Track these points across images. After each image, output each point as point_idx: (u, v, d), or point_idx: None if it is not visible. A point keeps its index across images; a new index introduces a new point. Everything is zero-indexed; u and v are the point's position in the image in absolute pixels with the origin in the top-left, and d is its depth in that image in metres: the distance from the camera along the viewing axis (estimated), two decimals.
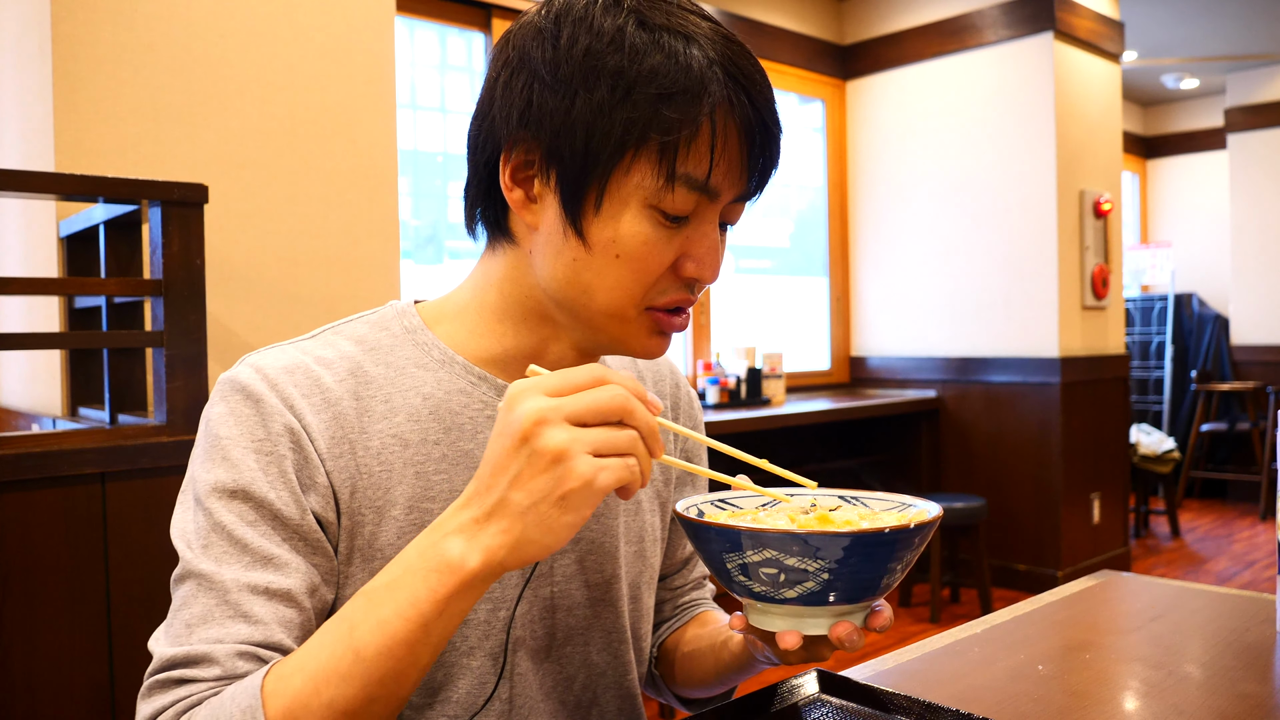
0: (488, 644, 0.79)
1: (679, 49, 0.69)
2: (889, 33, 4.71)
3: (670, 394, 0.99)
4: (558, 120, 0.70)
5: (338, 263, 2.39)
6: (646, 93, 0.68)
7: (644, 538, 0.92)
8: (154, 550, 1.63)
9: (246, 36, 2.24)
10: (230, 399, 0.74)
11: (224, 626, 0.67)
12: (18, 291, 1.64)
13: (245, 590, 0.68)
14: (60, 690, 1.55)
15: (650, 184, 0.70)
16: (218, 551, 0.69)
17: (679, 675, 0.96)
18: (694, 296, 0.77)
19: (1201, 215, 7.22)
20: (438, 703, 0.77)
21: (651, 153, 0.69)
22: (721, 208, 0.74)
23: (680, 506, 0.72)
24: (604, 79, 0.68)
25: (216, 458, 0.72)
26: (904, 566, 0.67)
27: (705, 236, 0.73)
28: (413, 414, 0.78)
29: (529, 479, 0.59)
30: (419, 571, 0.61)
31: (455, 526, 0.61)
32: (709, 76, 0.69)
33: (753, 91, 0.71)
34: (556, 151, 0.71)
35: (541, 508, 0.59)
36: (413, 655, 0.61)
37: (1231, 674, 0.95)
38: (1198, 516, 6.02)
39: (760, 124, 0.71)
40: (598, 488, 0.59)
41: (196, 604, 0.68)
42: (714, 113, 0.69)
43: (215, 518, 0.70)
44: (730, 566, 0.66)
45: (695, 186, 0.70)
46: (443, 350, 0.80)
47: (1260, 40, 5.92)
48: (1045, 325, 4.20)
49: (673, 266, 0.74)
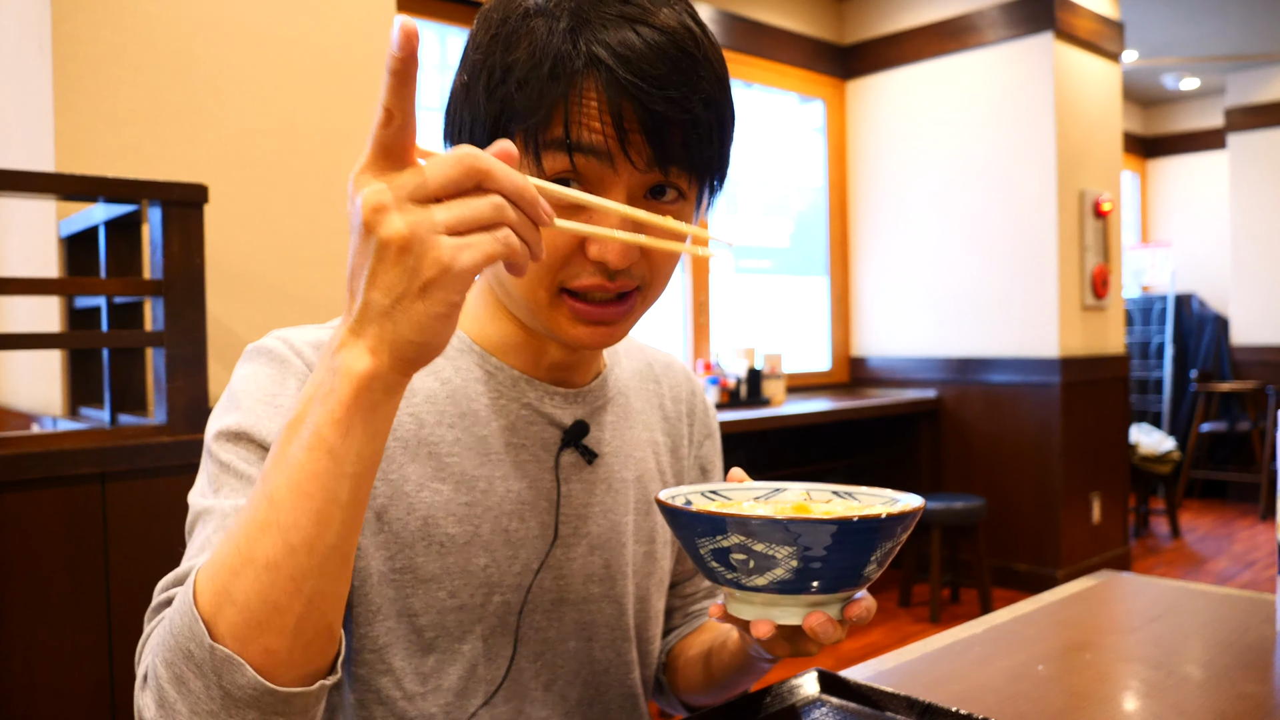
0: (479, 628, 0.79)
1: (548, 31, 0.69)
2: (889, 33, 4.71)
3: (686, 400, 1.00)
4: (457, 116, 0.75)
5: (338, 263, 2.39)
6: (510, 81, 0.70)
7: (655, 539, 0.92)
8: (154, 550, 1.63)
9: (246, 36, 2.24)
10: (255, 360, 0.76)
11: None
12: (18, 291, 1.64)
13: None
14: (60, 690, 1.55)
15: (527, 165, 0.71)
16: (225, 490, 0.70)
17: (684, 681, 0.96)
18: (617, 282, 0.73)
19: (1201, 215, 7.22)
20: (430, 690, 0.78)
21: (520, 136, 0.71)
22: (627, 184, 0.71)
23: (665, 494, 0.71)
24: (483, 72, 0.72)
25: (229, 407, 0.74)
26: (881, 559, 0.66)
27: (603, 215, 0.70)
28: (430, 396, 0.80)
29: (383, 275, 0.52)
30: (314, 400, 0.55)
31: (339, 342, 0.55)
32: (566, 56, 0.69)
33: (621, 61, 0.68)
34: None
35: (405, 304, 0.52)
36: (326, 491, 0.54)
37: (1231, 674, 0.95)
38: (1198, 516, 6.02)
39: (629, 92, 0.68)
40: (459, 270, 0.52)
41: (200, 536, 0.68)
42: (570, 88, 0.69)
43: (220, 458, 0.71)
44: (703, 552, 0.66)
45: (561, 147, 0.69)
46: (461, 338, 0.83)
47: (1260, 40, 5.92)
48: (1045, 325, 4.20)
49: (581, 249, 0.72)
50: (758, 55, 4.42)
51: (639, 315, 0.78)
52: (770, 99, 4.67)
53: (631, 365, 0.95)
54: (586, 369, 0.87)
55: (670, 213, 0.74)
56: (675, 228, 0.67)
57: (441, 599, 0.78)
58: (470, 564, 0.78)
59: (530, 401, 0.83)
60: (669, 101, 0.69)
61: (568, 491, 0.84)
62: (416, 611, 0.77)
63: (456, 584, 0.78)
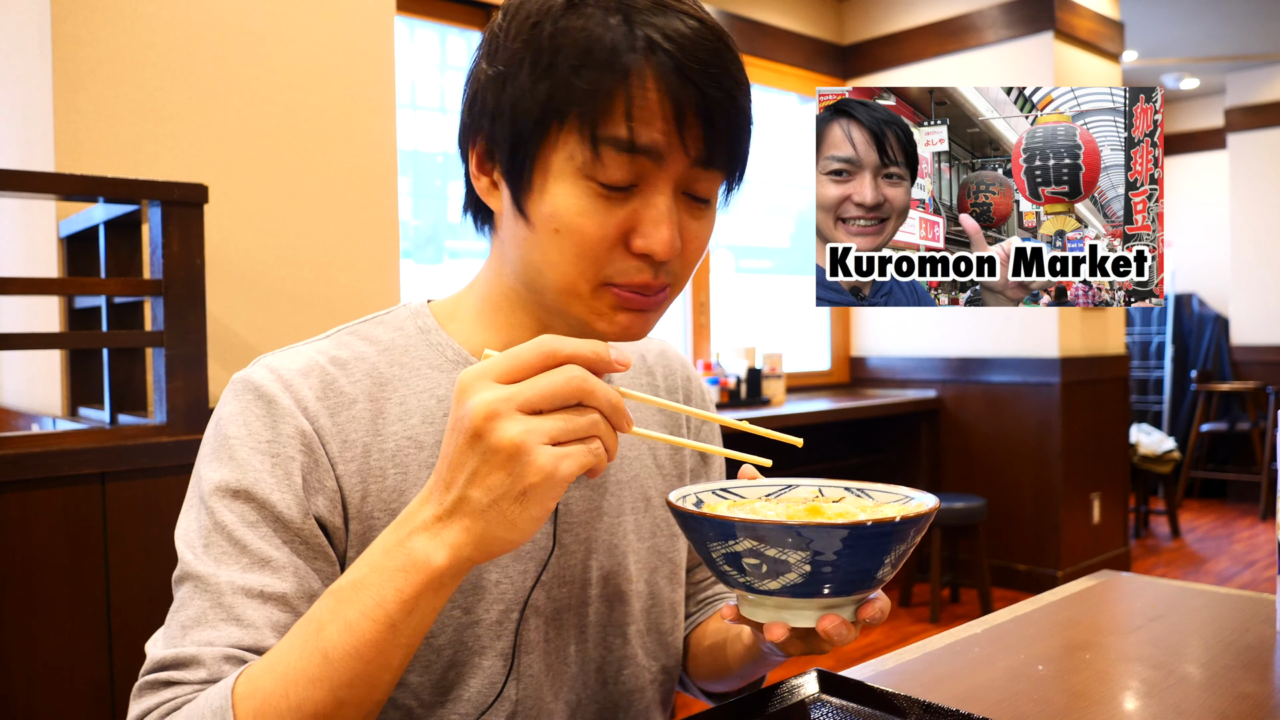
0: (499, 644, 0.79)
1: (599, 19, 0.69)
2: (889, 33, 4.71)
3: (682, 386, 0.99)
4: (493, 106, 0.73)
5: (338, 263, 2.39)
6: (563, 66, 0.69)
7: (657, 533, 0.91)
8: (154, 550, 1.63)
9: (246, 36, 2.24)
10: (242, 398, 0.74)
11: (216, 629, 0.67)
12: (18, 291, 1.64)
13: (239, 593, 0.68)
14: (60, 690, 1.55)
15: (579, 155, 0.70)
16: (217, 551, 0.69)
17: (700, 669, 0.96)
18: (659, 279, 0.73)
19: (1201, 215, 7.22)
20: (449, 701, 0.77)
21: (574, 124, 0.69)
22: (673, 178, 0.72)
23: (675, 496, 0.70)
24: (528, 59, 0.70)
25: (223, 457, 0.72)
26: (895, 561, 0.65)
27: (652, 207, 0.71)
28: (427, 415, 0.78)
29: (486, 476, 0.57)
30: (385, 570, 0.59)
31: (419, 524, 0.59)
32: (624, 44, 0.68)
33: (678, 52, 0.69)
34: (495, 136, 0.73)
35: (502, 505, 0.57)
36: (382, 657, 0.60)
37: (1231, 674, 0.95)
38: (1198, 516, 6.02)
39: (690, 84, 0.69)
40: (559, 479, 0.57)
41: (192, 606, 0.68)
42: (629, 76, 0.68)
43: (216, 517, 0.70)
44: (716, 556, 0.66)
45: (624, 148, 0.69)
46: (456, 350, 0.81)
47: (1260, 40, 5.92)
48: (1045, 325, 4.20)
49: (625, 243, 0.72)
50: (758, 55, 4.41)
51: (666, 309, 0.79)
52: (770, 99, 4.67)
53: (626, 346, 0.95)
54: None
55: (702, 214, 0.76)
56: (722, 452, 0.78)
57: (456, 617, 0.77)
58: (482, 580, 0.78)
59: None
60: (721, 89, 0.70)
61: (566, 499, 0.84)
62: (433, 632, 0.77)
63: (470, 600, 0.78)
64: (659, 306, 0.77)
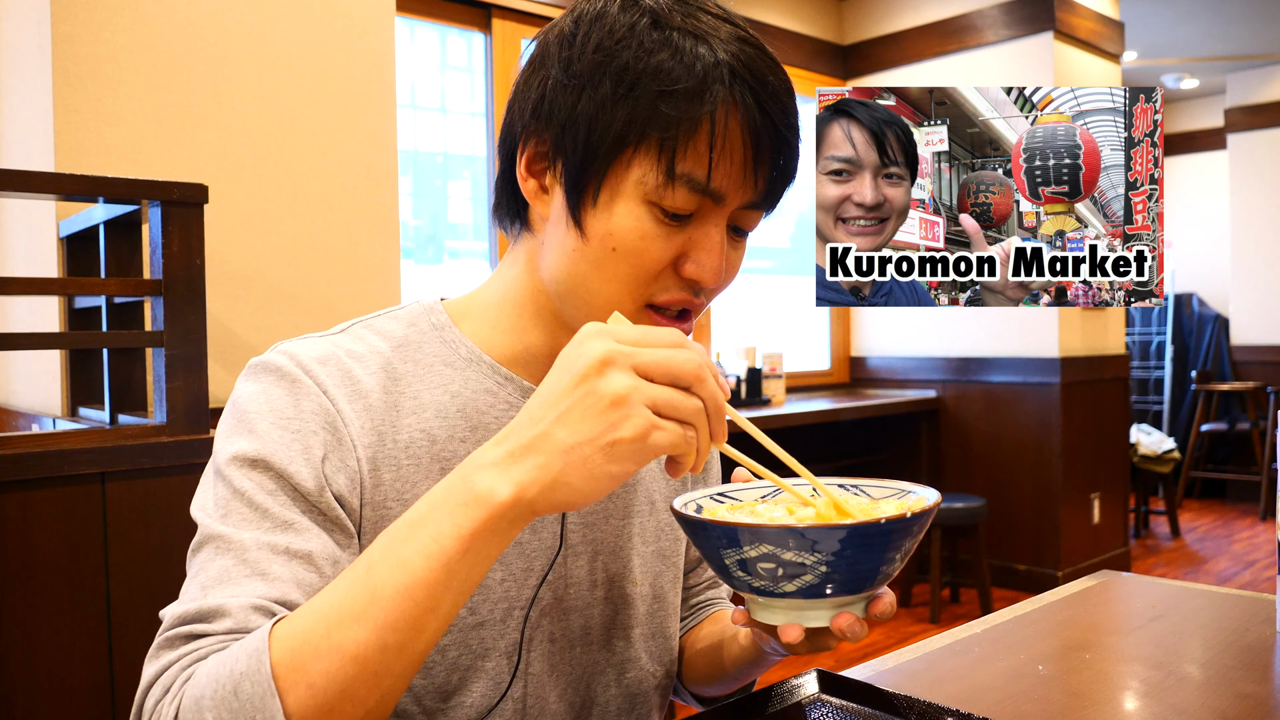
0: (502, 644, 0.79)
1: (687, 48, 0.69)
2: (889, 33, 4.71)
3: None
4: (565, 113, 0.72)
5: (338, 263, 2.39)
6: (649, 89, 0.69)
7: (661, 536, 0.92)
8: (154, 550, 1.63)
9: (246, 36, 2.24)
10: (263, 378, 0.74)
11: (240, 585, 0.64)
12: (18, 291, 1.64)
13: (265, 549, 0.66)
14: (60, 690, 1.55)
15: (650, 180, 0.70)
16: (237, 518, 0.68)
17: (694, 674, 0.96)
18: (697, 300, 0.75)
19: (1201, 215, 7.22)
20: (452, 706, 0.77)
21: (651, 149, 0.69)
22: (729, 212, 0.73)
23: (678, 504, 0.71)
24: (610, 75, 0.70)
25: (241, 430, 0.71)
26: (903, 555, 0.66)
27: (707, 237, 0.72)
28: (440, 411, 0.78)
29: (579, 418, 0.56)
30: (444, 506, 0.57)
31: (489, 460, 0.58)
32: (713, 76, 0.68)
33: (762, 94, 0.70)
34: (562, 144, 0.72)
35: (585, 449, 0.56)
36: (432, 599, 0.56)
37: (1231, 674, 0.95)
38: (1198, 516, 6.02)
39: (769, 128, 0.70)
40: (650, 445, 0.56)
41: (214, 566, 0.66)
42: (715, 112, 0.69)
43: (235, 484, 0.69)
44: (729, 562, 0.66)
45: (696, 188, 0.70)
46: (470, 348, 0.81)
47: (1260, 40, 5.92)
48: (1045, 325, 4.20)
49: (674, 266, 0.73)
50: None
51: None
52: None
53: None
54: None
55: (740, 244, 0.77)
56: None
57: (462, 617, 0.77)
58: (489, 579, 0.78)
59: None
60: (795, 134, 0.73)
61: None
62: None
63: (476, 600, 0.77)
64: (689, 331, 0.78)
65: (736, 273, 0.78)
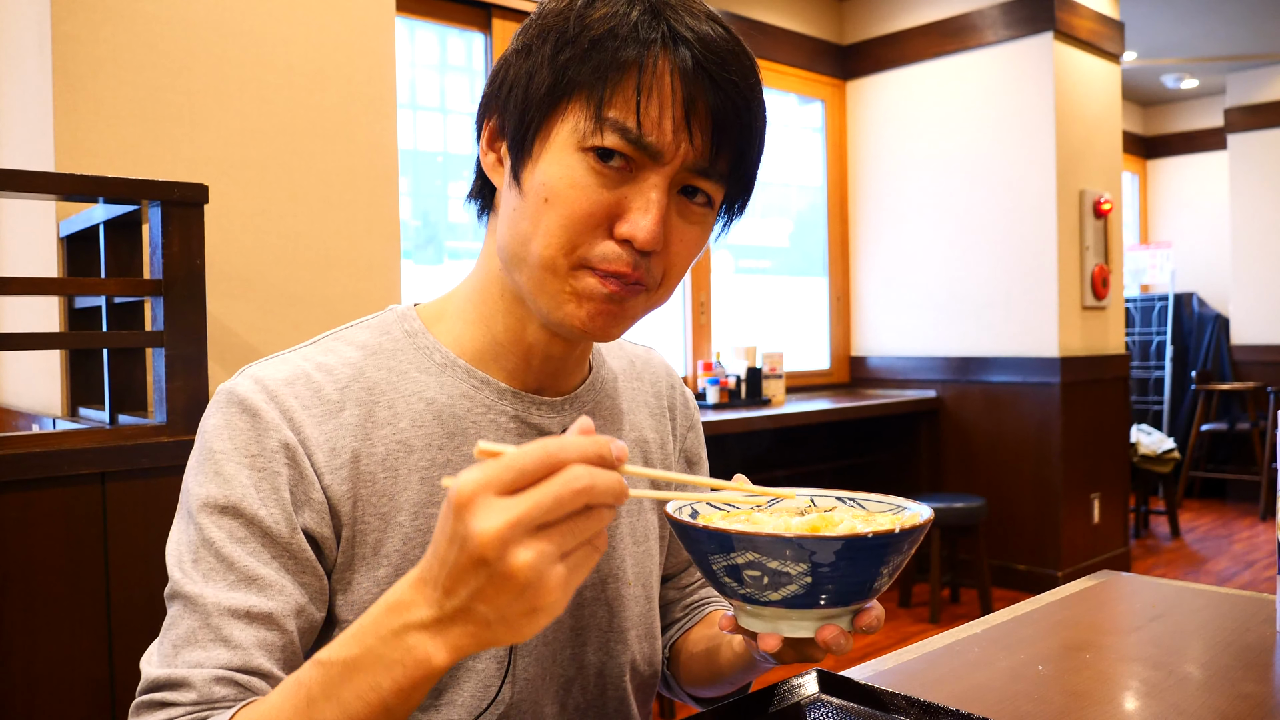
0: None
1: (622, 6, 0.71)
2: (889, 33, 4.71)
3: (666, 395, 0.99)
4: (510, 78, 0.75)
5: (338, 263, 2.39)
6: (581, 41, 0.70)
7: (649, 536, 0.92)
8: (154, 550, 1.63)
9: (246, 36, 2.24)
10: (227, 411, 0.74)
11: (205, 650, 0.68)
12: (18, 291, 1.64)
13: (226, 614, 0.69)
14: (60, 690, 1.55)
15: (582, 128, 0.70)
16: (205, 568, 0.70)
17: (689, 675, 0.96)
18: (636, 271, 0.72)
19: (1201, 215, 7.22)
20: (443, 705, 0.77)
21: (582, 97, 0.70)
22: (671, 174, 0.71)
23: (672, 507, 0.70)
24: (550, 37, 0.72)
25: (209, 471, 0.72)
26: (891, 571, 0.66)
27: (642, 195, 0.71)
28: (416, 419, 0.78)
29: (494, 597, 0.53)
30: (382, 660, 0.57)
31: (416, 621, 0.56)
32: (643, 26, 0.70)
33: (697, 46, 0.70)
34: (506, 107, 0.75)
35: (510, 620, 0.54)
36: None
37: (1231, 674, 0.95)
38: (1198, 516, 6.02)
39: (704, 78, 0.70)
40: (571, 589, 0.54)
41: (182, 624, 0.70)
42: (644, 58, 0.69)
43: (205, 533, 0.71)
44: (716, 568, 0.66)
45: (628, 137, 0.70)
46: (444, 354, 0.81)
47: (1260, 40, 5.92)
48: (1045, 325, 4.20)
49: (609, 226, 0.72)
50: (757, 55, 4.37)
51: (640, 315, 0.77)
52: (770, 99, 4.66)
53: (615, 365, 0.95)
54: (572, 375, 0.86)
55: (696, 220, 0.75)
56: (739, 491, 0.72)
57: None
58: None
59: (518, 413, 0.81)
60: (739, 94, 0.72)
61: None
62: None
63: None
64: (632, 311, 0.75)
65: (690, 250, 0.76)
